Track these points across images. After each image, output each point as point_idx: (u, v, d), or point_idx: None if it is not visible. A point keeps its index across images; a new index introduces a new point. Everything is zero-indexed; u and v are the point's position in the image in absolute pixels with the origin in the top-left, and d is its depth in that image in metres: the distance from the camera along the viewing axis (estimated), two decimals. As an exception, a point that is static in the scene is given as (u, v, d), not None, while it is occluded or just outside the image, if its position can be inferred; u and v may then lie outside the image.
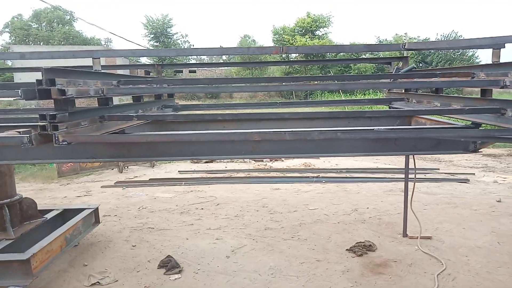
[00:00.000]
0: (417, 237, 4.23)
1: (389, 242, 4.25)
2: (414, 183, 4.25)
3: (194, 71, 4.50)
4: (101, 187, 7.08)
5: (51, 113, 2.09)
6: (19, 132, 3.58)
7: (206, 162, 8.89)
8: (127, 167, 8.73)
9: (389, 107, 4.48)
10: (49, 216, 4.15)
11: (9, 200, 3.67)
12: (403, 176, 7.31)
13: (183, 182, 7.12)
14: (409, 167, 4.45)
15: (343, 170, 7.81)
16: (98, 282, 3.45)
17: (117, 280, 3.50)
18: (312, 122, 3.36)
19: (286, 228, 4.75)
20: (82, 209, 4.38)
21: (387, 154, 3.07)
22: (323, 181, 7.00)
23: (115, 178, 7.94)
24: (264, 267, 3.70)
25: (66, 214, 4.39)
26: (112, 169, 8.75)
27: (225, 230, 4.76)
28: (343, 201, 5.86)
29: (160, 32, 50.45)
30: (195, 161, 8.96)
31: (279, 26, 44.88)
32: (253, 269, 3.66)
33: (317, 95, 32.74)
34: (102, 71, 2.76)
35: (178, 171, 8.15)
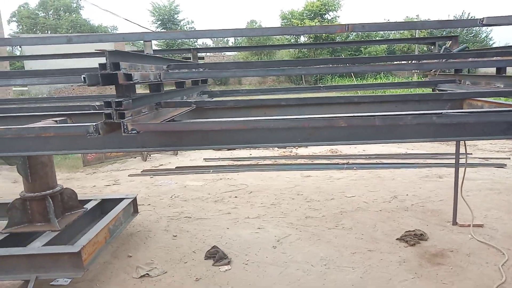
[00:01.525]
0: (469, 225, 4.06)
1: (440, 230, 4.08)
2: (465, 169, 4.05)
3: (202, 58, 4.29)
4: (129, 175, 6.99)
5: (116, 100, 1.93)
6: (55, 121, 3.45)
7: (229, 149, 8.75)
8: (150, 155, 8.63)
9: (433, 90, 4.26)
10: (88, 206, 4.06)
11: (51, 191, 3.57)
12: (436, 161, 7.14)
13: (211, 170, 7.00)
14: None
15: (372, 156, 7.62)
16: (147, 274, 3.36)
17: (165, 272, 3.40)
18: (358, 107, 3.19)
19: (328, 216, 4.61)
20: (121, 199, 4.28)
21: (454, 139, 2.87)
22: (354, 168, 6.82)
23: (140, 166, 7.85)
24: (314, 257, 3.57)
25: (105, 204, 4.30)
26: (135, 157, 8.66)
27: (264, 219, 4.63)
28: (380, 188, 5.69)
29: (167, 18, 50.01)
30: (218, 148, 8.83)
31: (287, 10, 44.08)
32: (304, 259, 3.53)
33: (328, 80, 32.27)
34: (155, 55, 2.59)
35: (203, 159, 8.03)
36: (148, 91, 2.57)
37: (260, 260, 3.55)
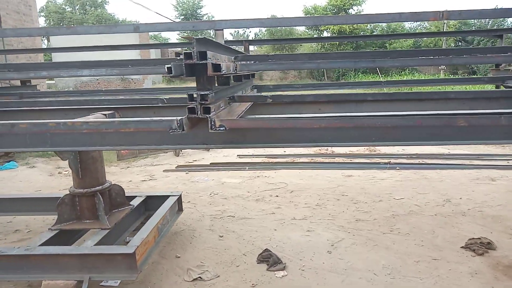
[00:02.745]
0: (540, 234, 3.74)
1: (508, 239, 3.77)
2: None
3: None
4: (164, 171, 6.89)
5: (202, 93, 1.75)
6: (105, 114, 3.31)
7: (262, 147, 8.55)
8: (182, 150, 8.53)
9: (497, 87, 3.95)
10: (133, 203, 3.94)
11: (101, 187, 3.45)
12: (483, 163, 6.75)
13: (247, 167, 6.82)
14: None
15: (413, 156, 7.28)
16: (199, 277, 3.20)
17: (218, 276, 3.23)
18: (419, 104, 2.92)
19: (380, 220, 4.36)
20: (166, 196, 4.15)
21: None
22: (397, 168, 6.51)
23: (174, 161, 7.76)
24: (376, 265, 3.33)
25: (149, 201, 4.18)
26: (166, 152, 8.58)
27: (311, 220, 4.41)
28: (429, 190, 5.38)
29: (190, 13, 50.17)
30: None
31: (310, 5, 43.52)
32: (365, 267, 3.30)
33: (351, 76, 31.59)
34: (227, 45, 2.40)
35: (237, 155, 7.86)
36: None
37: (317, 266, 3.34)
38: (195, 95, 1.82)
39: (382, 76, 28.87)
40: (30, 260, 2.89)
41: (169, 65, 1.75)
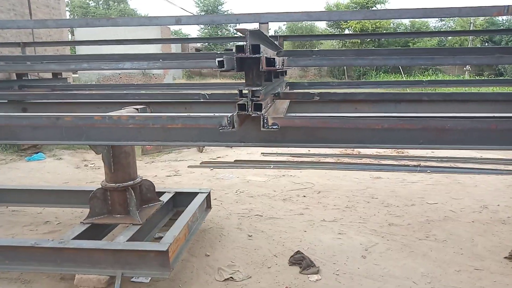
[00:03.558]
0: None
1: (554, 251, 3.56)
2: None
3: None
4: (188, 167, 6.86)
5: (254, 89, 1.65)
6: (137, 109, 3.24)
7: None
8: (205, 147, 8.50)
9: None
10: (162, 199, 3.89)
11: (132, 182, 3.42)
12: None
13: (272, 166, 6.73)
14: None
15: (444, 159, 7.03)
16: (231, 277, 3.13)
17: (250, 277, 3.15)
18: (463, 105, 2.74)
19: (414, 225, 4.19)
20: (195, 193, 4.09)
21: None
22: (428, 171, 6.29)
23: (197, 157, 7.73)
24: (413, 273, 3.19)
25: (177, 198, 4.14)
26: (189, 148, 8.56)
27: (342, 223, 4.28)
28: (463, 195, 5.16)
29: (211, 9, 50.29)
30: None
31: (332, 3, 42.91)
32: (403, 274, 3.16)
33: (371, 75, 31.00)
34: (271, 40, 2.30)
35: (261, 153, 7.77)
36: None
37: (352, 271, 3.22)
38: (245, 91, 1.74)
39: (405, 76, 28.25)
40: (64, 253, 2.88)
41: (221, 59, 1.67)
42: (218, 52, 2.34)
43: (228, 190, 5.50)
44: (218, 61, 1.65)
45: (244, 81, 1.78)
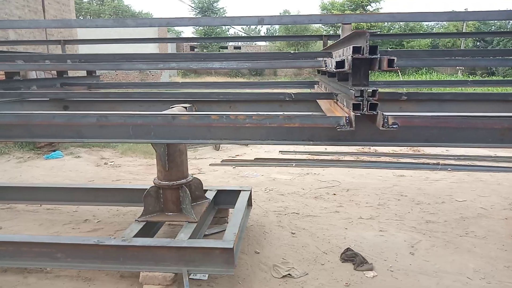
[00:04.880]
0: None
1: None
2: None
3: (239, 47, 3.98)
4: (210, 165, 6.87)
5: (372, 89, 1.70)
6: (185, 107, 3.27)
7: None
8: (221, 145, 8.51)
9: None
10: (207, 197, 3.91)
11: (185, 180, 3.44)
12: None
13: (294, 164, 6.78)
14: None
15: (461, 157, 7.17)
16: (288, 274, 3.17)
17: (307, 274, 3.20)
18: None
19: (450, 222, 4.28)
20: (237, 191, 4.12)
21: None
22: (449, 169, 6.41)
23: (215, 155, 7.75)
24: (465, 269, 3.27)
25: (218, 196, 4.15)
26: (205, 146, 8.56)
27: (380, 220, 4.36)
28: (489, 193, 5.28)
29: (206, 6, 49.97)
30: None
31: (328, 1, 43.00)
32: (455, 270, 3.24)
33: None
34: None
35: (279, 151, 7.82)
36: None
37: (405, 268, 3.29)
38: (351, 90, 1.78)
39: (402, 75, 28.51)
40: (128, 251, 2.88)
41: (340, 59, 1.71)
42: (292, 52, 2.36)
43: (256, 188, 5.53)
44: (336, 61, 1.69)
45: (351, 82, 1.82)
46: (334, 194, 5.27)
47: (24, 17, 7.33)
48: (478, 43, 38.22)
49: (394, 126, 1.67)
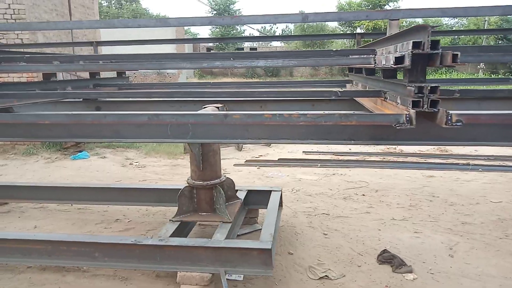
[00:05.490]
0: None
1: None
2: None
3: (255, 48, 3.90)
4: (234, 165, 6.86)
5: (433, 85, 1.63)
6: (217, 107, 3.23)
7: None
8: (243, 145, 8.49)
9: None
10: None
11: (219, 180, 3.42)
12: None
13: (319, 164, 6.70)
14: None
15: (491, 157, 6.95)
16: (326, 276, 3.11)
17: (344, 275, 3.13)
18: None
19: (488, 224, 4.14)
20: (267, 191, 4.09)
21: None
22: (480, 170, 6.23)
23: (238, 156, 7.73)
24: (510, 272, 3.15)
25: (249, 196, 4.12)
26: (227, 146, 8.56)
27: (413, 221, 4.25)
28: (525, 194, 5.10)
29: (223, 8, 50.30)
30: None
31: (344, 1, 42.66)
32: (499, 274, 3.12)
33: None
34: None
35: (303, 151, 7.75)
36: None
37: (446, 270, 3.18)
38: (409, 87, 1.72)
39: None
40: (165, 251, 2.88)
41: (399, 55, 1.65)
42: (334, 50, 2.30)
43: (283, 188, 5.46)
44: (395, 57, 1.64)
45: (407, 78, 1.76)
46: (363, 195, 5.18)
47: (52, 20, 7.48)
48: (500, 42, 37.25)
49: (458, 124, 1.60)
